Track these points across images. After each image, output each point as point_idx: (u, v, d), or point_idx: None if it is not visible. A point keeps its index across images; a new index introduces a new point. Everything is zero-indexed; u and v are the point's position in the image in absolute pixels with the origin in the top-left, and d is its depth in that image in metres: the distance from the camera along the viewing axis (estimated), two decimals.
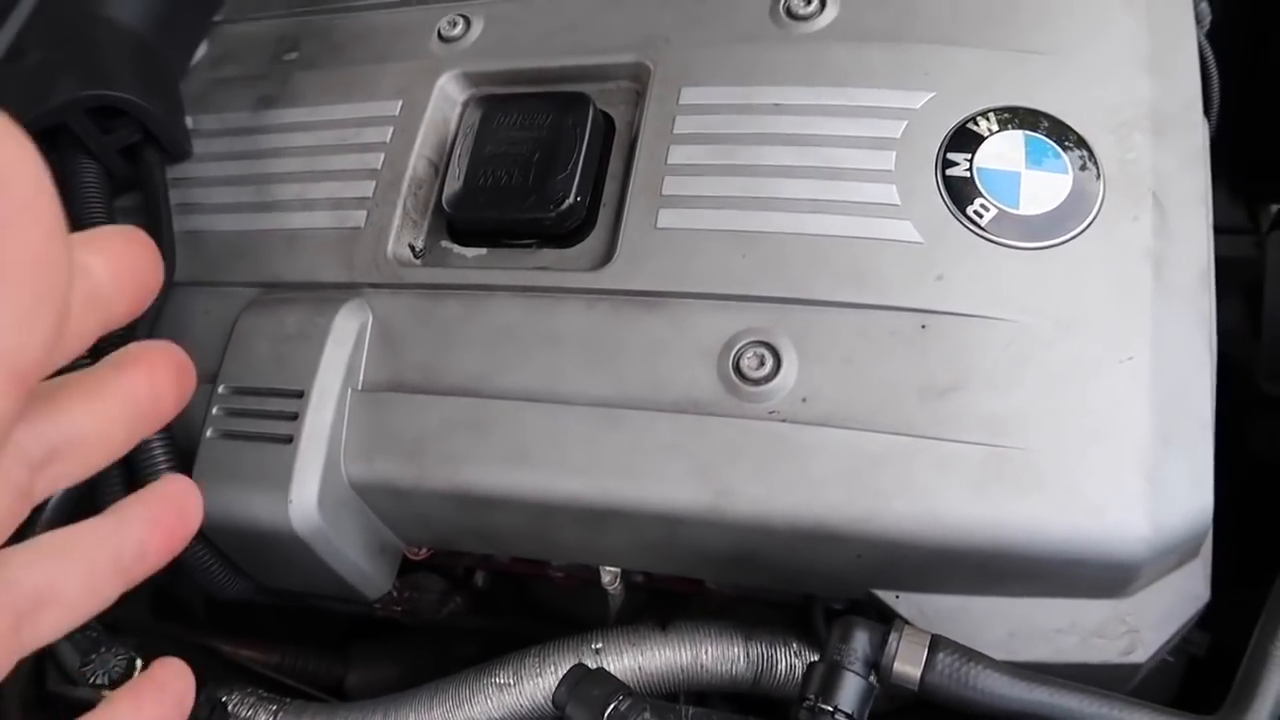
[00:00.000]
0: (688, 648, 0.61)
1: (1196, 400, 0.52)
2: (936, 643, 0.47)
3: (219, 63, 0.76)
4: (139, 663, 0.60)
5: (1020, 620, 0.54)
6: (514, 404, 0.56)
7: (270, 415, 0.58)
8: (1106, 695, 0.47)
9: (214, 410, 0.60)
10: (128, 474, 0.60)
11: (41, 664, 0.65)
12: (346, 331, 0.60)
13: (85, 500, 0.58)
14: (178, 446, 0.60)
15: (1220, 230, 0.62)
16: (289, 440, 0.57)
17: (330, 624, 0.82)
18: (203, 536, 0.60)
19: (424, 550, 0.66)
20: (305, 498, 0.57)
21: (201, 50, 0.77)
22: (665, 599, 0.70)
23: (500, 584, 0.78)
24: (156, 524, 0.29)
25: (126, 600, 0.28)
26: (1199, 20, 0.64)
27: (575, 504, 0.55)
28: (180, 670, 0.31)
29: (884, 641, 0.48)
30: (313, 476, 0.57)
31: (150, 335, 0.61)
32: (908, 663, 0.47)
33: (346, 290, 0.62)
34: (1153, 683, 0.57)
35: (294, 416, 0.58)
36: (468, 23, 0.69)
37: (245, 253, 0.66)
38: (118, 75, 0.65)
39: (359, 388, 0.60)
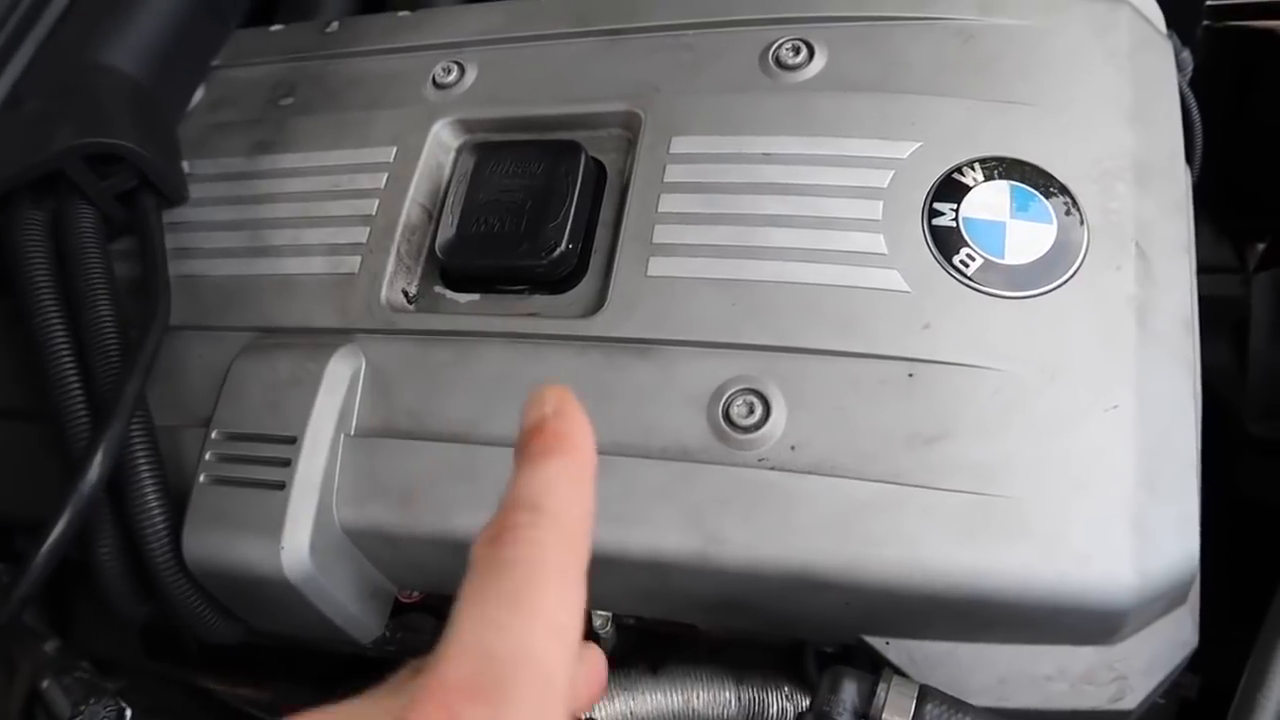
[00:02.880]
0: (679, 692, 0.62)
1: (1181, 448, 0.52)
2: (925, 694, 0.48)
3: (216, 107, 0.77)
4: (128, 713, 0.60)
5: (1010, 666, 0.54)
6: (504, 450, 0.56)
7: (263, 461, 0.59)
8: None
9: (207, 456, 0.60)
10: (120, 519, 0.60)
11: (32, 710, 0.65)
12: (339, 377, 0.60)
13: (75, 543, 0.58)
14: (170, 492, 0.60)
15: (1208, 269, 0.63)
16: (281, 486, 0.57)
17: (326, 660, 0.82)
18: (193, 581, 0.60)
19: (416, 593, 0.66)
20: (297, 544, 0.57)
21: (199, 95, 0.78)
22: (658, 640, 0.70)
23: None
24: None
25: (119, 638, 0.29)
26: (1181, 68, 0.65)
27: None
28: None
29: (872, 692, 0.48)
30: (305, 522, 0.57)
31: (146, 380, 0.61)
32: (896, 713, 0.48)
33: (340, 336, 0.62)
34: None
35: (286, 462, 0.58)
36: (462, 70, 0.70)
37: (240, 298, 0.66)
38: (114, 122, 0.66)
39: (351, 433, 0.60)
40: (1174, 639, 0.54)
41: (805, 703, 0.61)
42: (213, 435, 0.61)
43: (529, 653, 0.27)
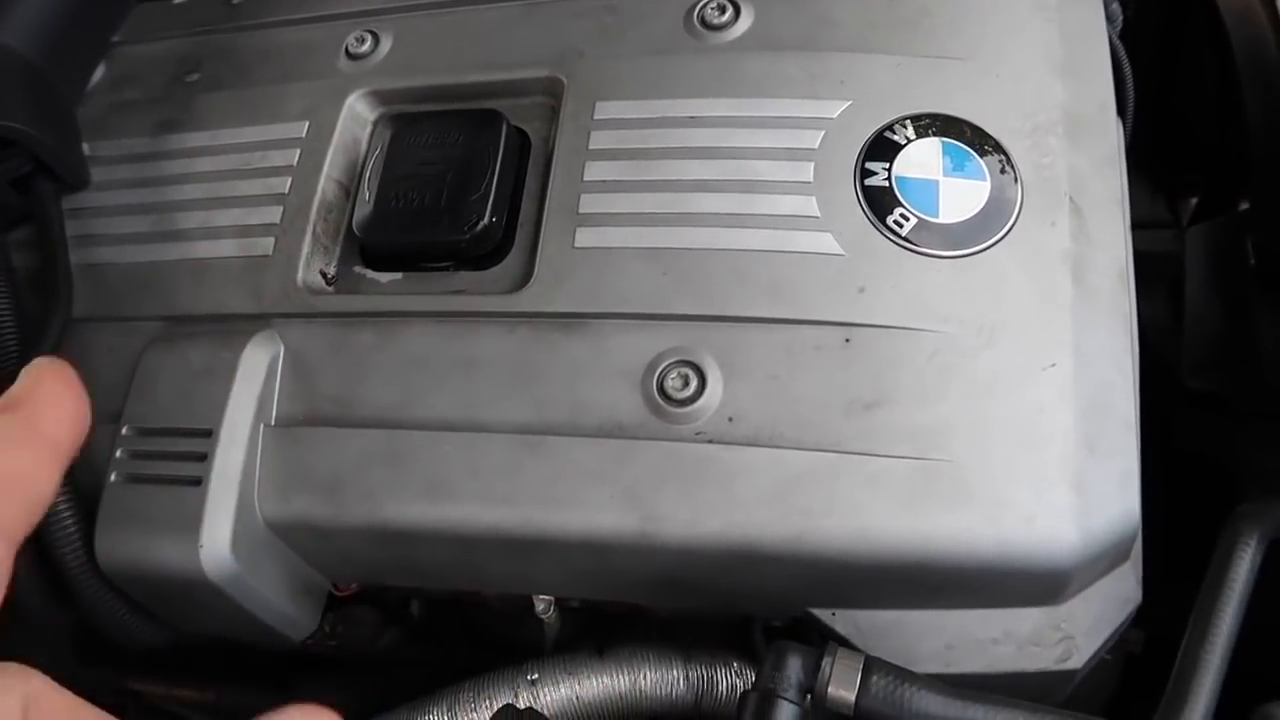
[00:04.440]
0: (626, 673, 0.60)
1: (1120, 404, 0.51)
2: (870, 665, 0.47)
3: (118, 85, 0.72)
4: None
5: (957, 632, 0.53)
6: (433, 434, 0.55)
7: (177, 456, 0.56)
8: (1042, 710, 0.47)
9: (118, 453, 0.57)
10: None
11: None
12: (256, 365, 0.57)
13: None
14: (80, 493, 0.57)
15: (1143, 225, 0.62)
16: (197, 482, 0.55)
17: (271, 657, 0.79)
18: (110, 584, 0.58)
19: (351, 586, 0.63)
20: (217, 541, 0.54)
21: (99, 73, 0.73)
22: (606, 620, 0.68)
23: (441, 610, 0.76)
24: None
25: (49, 646, 0.29)
26: (1111, 20, 0.65)
27: (500, 536, 0.53)
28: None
29: (817, 666, 0.47)
30: (225, 519, 0.54)
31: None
32: (842, 687, 0.46)
33: (256, 321, 0.59)
34: (1092, 680, 0.57)
35: (202, 457, 0.55)
36: (376, 39, 0.67)
37: (148, 285, 0.63)
38: (4, 104, 0.62)
39: (271, 423, 0.57)
40: (1118, 596, 0.54)
41: (754, 677, 0.60)
42: (124, 431, 0.58)
43: None
